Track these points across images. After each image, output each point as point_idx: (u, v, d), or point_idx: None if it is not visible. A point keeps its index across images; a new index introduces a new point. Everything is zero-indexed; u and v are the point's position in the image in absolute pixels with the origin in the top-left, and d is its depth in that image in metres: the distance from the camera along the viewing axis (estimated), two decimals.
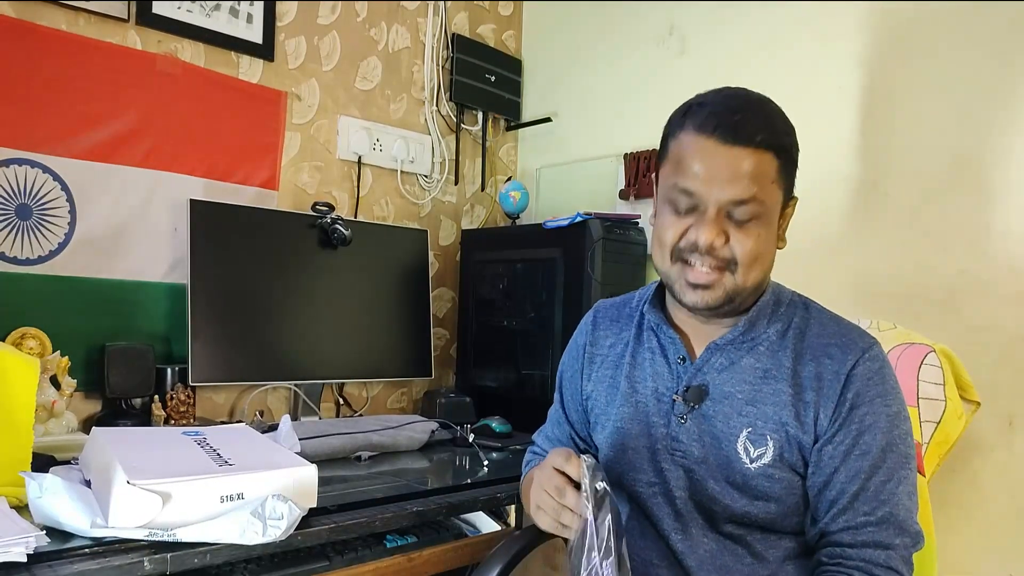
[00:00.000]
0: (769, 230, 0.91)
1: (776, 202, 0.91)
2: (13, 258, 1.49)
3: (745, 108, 0.89)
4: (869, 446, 0.89)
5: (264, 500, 0.99)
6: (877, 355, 0.93)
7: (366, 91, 2.07)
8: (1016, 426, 1.42)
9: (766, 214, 0.90)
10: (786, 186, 0.93)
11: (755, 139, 0.87)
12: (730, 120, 0.87)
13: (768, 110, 0.92)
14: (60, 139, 1.54)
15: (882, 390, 0.91)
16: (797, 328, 0.96)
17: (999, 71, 1.46)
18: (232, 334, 1.65)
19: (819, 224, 1.68)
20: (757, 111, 0.90)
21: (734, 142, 0.87)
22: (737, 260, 0.90)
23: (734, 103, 0.90)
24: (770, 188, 0.89)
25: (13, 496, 1.03)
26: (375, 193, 2.09)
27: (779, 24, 1.79)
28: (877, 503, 0.88)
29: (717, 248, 0.89)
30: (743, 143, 0.86)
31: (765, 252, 0.92)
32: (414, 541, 1.27)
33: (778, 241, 0.96)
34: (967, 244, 1.48)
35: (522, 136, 2.45)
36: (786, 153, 0.91)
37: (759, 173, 0.87)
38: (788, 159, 0.91)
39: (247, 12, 1.80)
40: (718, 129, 0.87)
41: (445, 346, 2.26)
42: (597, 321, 1.15)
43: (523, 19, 2.45)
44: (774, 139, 0.89)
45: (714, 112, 0.88)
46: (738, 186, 0.87)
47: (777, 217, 0.93)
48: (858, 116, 1.66)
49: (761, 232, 0.90)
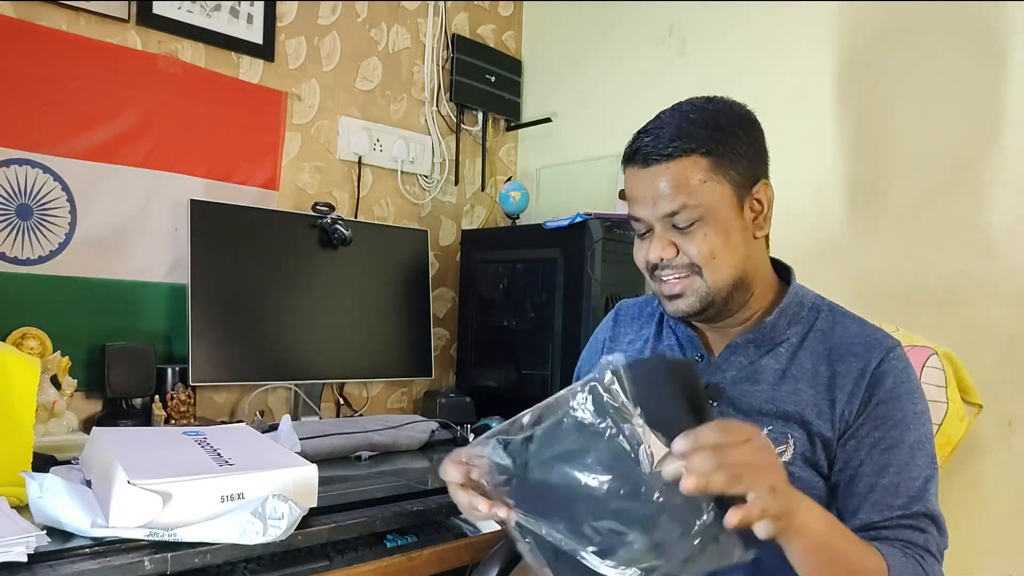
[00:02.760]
0: (718, 227, 0.91)
1: (720, 198, 0.91)
2: (14, 258, 1.49)
3: (657, 127, 0.93)
4: (896, 441, 0.89)
5: (264, 500, 0.99)
6: (901, 355, 0.94)
7: (366, 91, 2.07)
8: (1016, 426, 1.42)
9: (707, 214, 0.91)
10: (734, 176, 0.92)
11: (666, 152, 0.91)
12: (642, 144, 0.93)
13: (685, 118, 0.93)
14: (61, 139, 1.54)
15: (908, 388, 0.92)
16: (820, 330, 0.97)
17: (998, 71, 1.46)
18: (233, 334, 1.65)
19: (819, 224, 1.69)
20: (669, 123, 0.93)
21: (648, 163, 0.92)
22: (698, 262, 0.92)
23: (651, 125, 0.95)
24: (702, 189, 0.90)
25: (13, 496, 1.03)
26: (375, 193, 2.09)
27: (779, 24, 1.79)
28: (909, 499, 0.88)
29: (670, 259, 0.94)
30: (656, 160, 0.92)
31: (721, 249, 0.92)
32: (414, 541, 1.27)
33: (755, 229, 0.95)
34: (967, 244, 1.48)
35: (522, 136, 2.45)
36: (712, 150, 0.90)
37: (681, 181, 0.90)
38: (720, 153, 0.91)
39: (247, 12, 1.80)
40: (636, 156, 0.94)
41: (445, 346, 2.26)
42: (619, 318, 1.17)
43: (523, 19, 2.45)
44: (690, 142, 0.90)
45: (632, 143, 0.95)
46: (663, 201, 0.91)
47: (732, 211, 0.92)
48: (858, 116, 1.66)
49: (707, 232, 0.91)
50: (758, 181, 0.94)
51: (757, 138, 0.96)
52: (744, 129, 0.94)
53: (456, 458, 0.88)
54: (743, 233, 0.94)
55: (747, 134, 0.94)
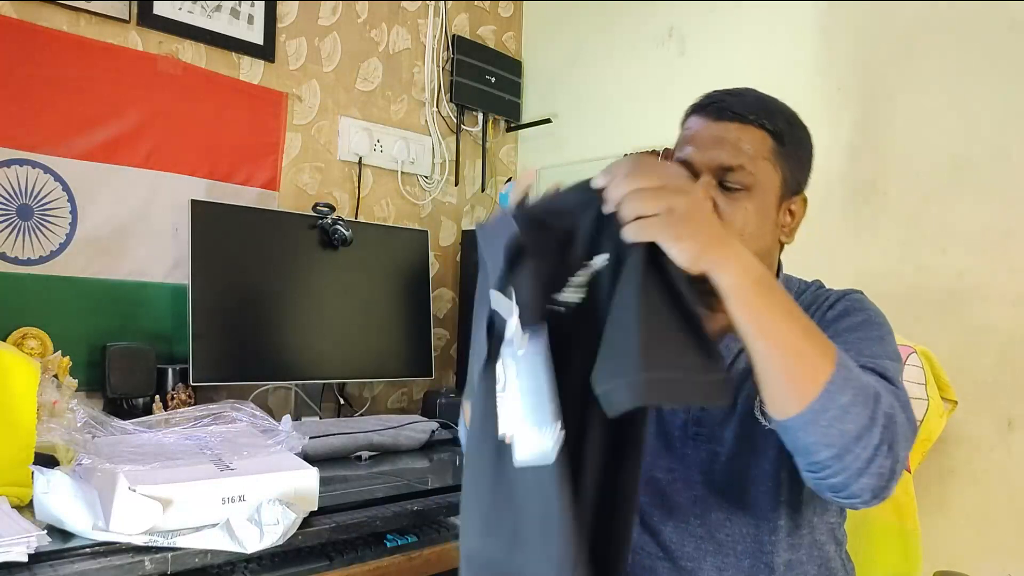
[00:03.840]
0: (761, 209, 0.92)
1: (771, 182, 0.93)
2: (14, 258, 1.50)
3: (741, 93, 0.95)
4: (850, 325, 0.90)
5: (260, 506, 0.99)
6: (860, 297, 0.97)
7: (367, 92, 2.07)
8: (1016, 427, 1.42)
9: (758, 189, 0.92)
10: (787, 173, 0.94)
11: (744, 116, 0.92)
12: (722, 98, 0.94)
13: (767, 98, 0.96)
14: (61, 140, 1.54)
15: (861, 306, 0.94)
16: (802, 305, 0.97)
17: (998, 71, 1.46)
18: (233, 334, 1.65)
19: (819, 224, 1.68)
20: (753, 96, 0.95)
21: (722, 118, 0.93)
22: None
23: (734, 90, 0.96)
24: (762, 164, 0.92)
25: (14, 496, 1.03)
26: (376, 194, 2.10)
27: (778, 25, 1.79)
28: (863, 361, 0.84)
29: None
30: (730, 119, 0.92)
31: (754, 229, 0.92)
32: (414, 541, 1.27)
33: (781, 234, 0.97)
34: (967, 244, 1.48)
35: (522, 137, 2.45)
36: (781, 136, 0.93)
37: (747, 145, 0.91)
38: (785, 144, 0.93)
39: (248, 13, 1.81)
40: (710, 107, 0.94)
41: (445, 346, 2.26)
42: None
43: (523, 20, 2.45)
44: (766, 119, 0.92)
45: (710, 95, 0.96)
46: (725, 153, 0.91)
47: (774, 201, 0.94)
48: (858, 116, 1.66)
49: (749, 207, 0.91)
50: (802, 192, 0.98)
51: (811, 155, 0.99)
52: (807, 140, 0.98)
53: None
54: (773, 228, 0.95)
55: (807, 145, 0.98)
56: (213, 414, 1.26)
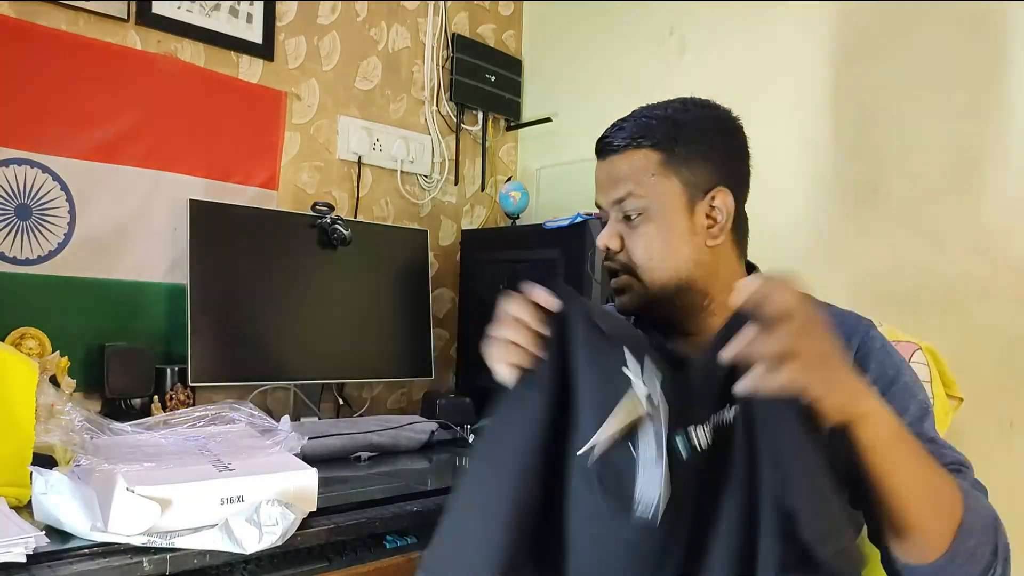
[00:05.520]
0: (664, 226, 0.91)
1: (668, 194, 0.91)
2: (12, 258, 1.49)
3: (620, 122, 0.96)
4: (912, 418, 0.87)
5: (258, 506, 0.99)
6: (876, 335, 0.94)
7: (366, 91, 2.07)
8: (1016, 427, 1.42)
9: (653, 208, 0.91)
10: (687, 176, 0.91)
11: (622, 144, 0.93)
12: (606, 136, 0.97)
13: (650, 113, 0.95)
14: (60, 139, 1.54)
15: (893, 362, 0.91)
16: None
17: (998, 71, 1.46)
18: (232, 334, 1.65)
19: (818, 224, 1.69)
20: (631, 119, 0.95)
21: (607, 154, 0.96)
22: (634, 262, 0.93)
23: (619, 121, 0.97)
24: (649, 181, 0.91)
25: (12, 497, 1.03)
26: (375, 193, 2.09)
27: (779, 24, 1.78)
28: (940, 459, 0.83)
29: (613, 250, 0.95)
30: (613, 152, 0.95)
31: (661, 250, 0.91)
32: (414, 541, 1.27)
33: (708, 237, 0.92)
34: (967, 244, 1.48)
35: (522, 136, 2.45)
36: (666, 144, 0.91)
37: (632, 171, 0.92)
38: (675, 149, 0.91)
39: (247, 12, 1.80)
40: (599, 150, 0.98)
41: (445, 347, 2.26)
42: None
43: (523, 19, 2.45)
44: (646, 136, 0.92)
45: (598, 139, 0.98)
46: (612, 188, 0.94)
47: (680, 211, 0.91)
48: (858, 116, 1.66)
49: (650, 229, 0.92)
50: (716, 187, 0.92)
51: (725, 143, 0.95)
52: (709, 131, 0.94)
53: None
54: (690, 236, 0.92)
55: (711, 137, 0.93)
56: (211, 415, 1.26)
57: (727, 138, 0.95)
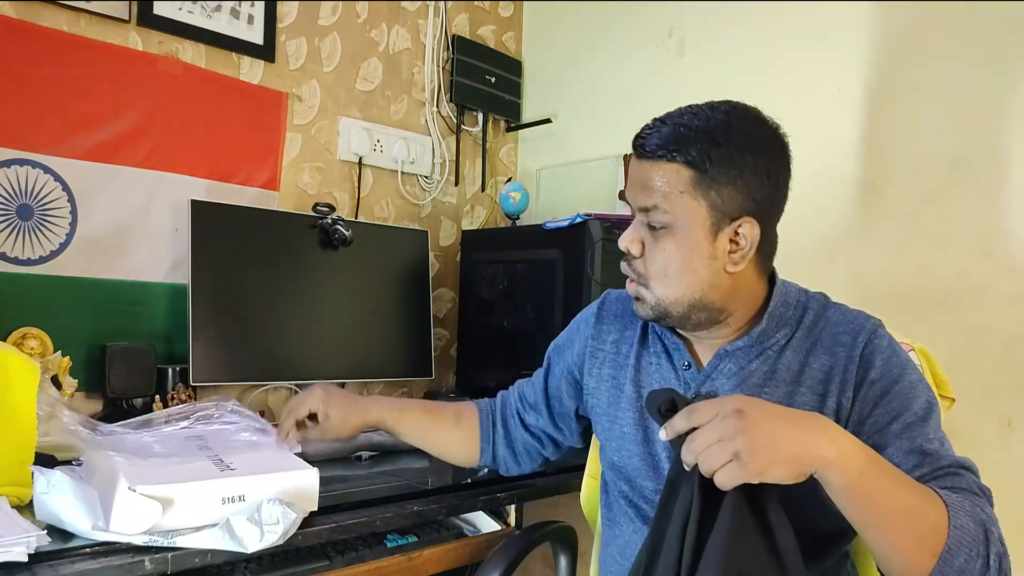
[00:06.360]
0: (685, 245, 0.90)
1: (694, 215, 0.89)
2: (14, 258, 1.49)
3: (662, 122, 0.92)
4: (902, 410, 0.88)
5: (260, 505, 0.99)
6: (883, 333, 0.95)
7: (367, 92, 2.07)
8: (1015, 427, 1.42)
9: (677, 226, 0.90)
10: (716, 200, 0.88)
11: (657, 152, 0.90)
12: (642, 136, 0.93)
13: (688, 123, 0.89)
14: (61, 140, 1.54)
15: (898, 362, 0.92)
16: (805, 327, 0.96)
17: (999, 72, 1.46)
18: (233, 334, 1.65)
19: (818, 224, 1.69)
20: (673, 124, 0.91)
21: (642, 157, 0.93)
22: (650, 274, 0.93)
23: (660, 118, 0.94)
24: (679, 199, 0.89)
25: (14, 496, 1.03)
26: (376, 194, 2.10)
27: (779, 25, 1.79)
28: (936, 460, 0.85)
29: (634, 255, 0.95)
30: (647, 156, 0.92)
31: (679, 267, 0.91)
32: (414, 541, 1.27)
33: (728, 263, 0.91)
34: (967, 244, 1.49)
35: (522, 137, 2.45)
36: (700, 164, 0.88)
37: (662, 184, 0.90)
38: (708, 171, 0.88)
39: (248, 13, 1.81)
40: (635, 145, 0.94)
41: (445, 346, 2.26)
42: (602, 314, 1.14)
43: (523, 20, 2.45)
44: (681, 150, 0.88)
45: (637, 133, 0.95)
46: (641, 195, 0.92)
47: (702, 234, 0.90)
48: (858, 116, 1.66)
49: (670, 244, 0.91)
50: (743, 216, 0.90)
51: (763, 168, 0.90)
52: (747, 154, 0.89)
53: None
54: (709, 261, 0.90)
55: (748, 161, 0.89)
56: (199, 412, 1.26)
57: (765, 161, 0.90)
